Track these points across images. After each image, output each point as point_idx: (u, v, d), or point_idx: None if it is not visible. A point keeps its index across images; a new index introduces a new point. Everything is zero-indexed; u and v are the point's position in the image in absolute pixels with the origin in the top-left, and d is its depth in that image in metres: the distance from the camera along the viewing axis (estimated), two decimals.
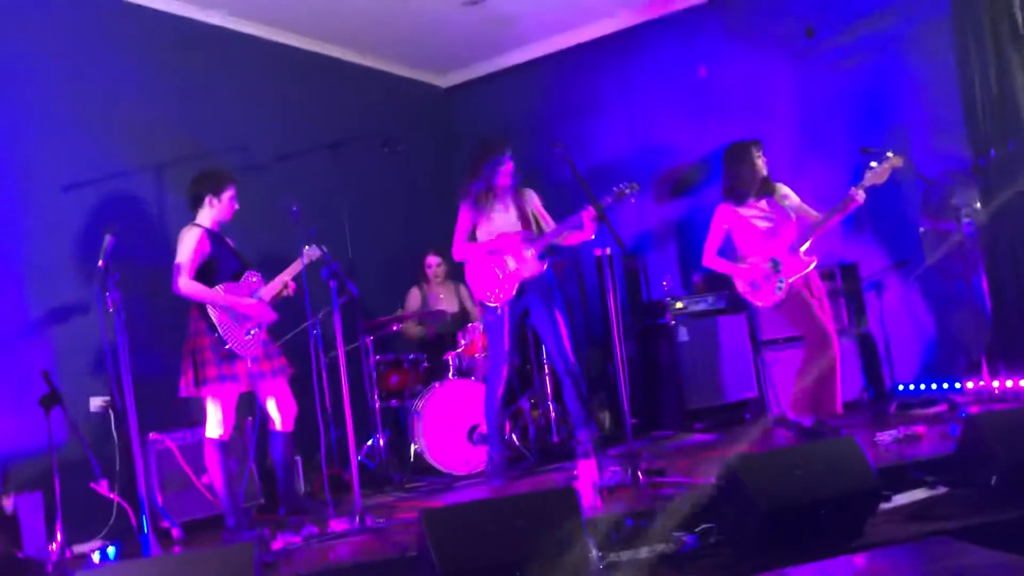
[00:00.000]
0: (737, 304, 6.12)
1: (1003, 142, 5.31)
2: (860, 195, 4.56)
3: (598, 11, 6.80)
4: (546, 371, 5.86)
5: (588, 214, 4.57)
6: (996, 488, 3.51)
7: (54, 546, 4.00)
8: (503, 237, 4.85)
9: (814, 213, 4.85)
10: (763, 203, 4.94)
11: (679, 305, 6.07)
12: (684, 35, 6.79)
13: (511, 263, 4.83)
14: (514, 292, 4.82)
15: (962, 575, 2.07)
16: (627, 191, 4.60)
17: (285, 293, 4.52)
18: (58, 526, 4.02)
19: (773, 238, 4.87)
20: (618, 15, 6.88)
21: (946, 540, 2.47)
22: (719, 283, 6.35)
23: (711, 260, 5.07)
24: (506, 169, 4.86)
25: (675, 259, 6.81)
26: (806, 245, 4.75)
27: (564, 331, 4.80)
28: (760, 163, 4.92)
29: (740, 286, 5.00)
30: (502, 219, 4.92)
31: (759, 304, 4.92)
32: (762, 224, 4.92)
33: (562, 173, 5.02)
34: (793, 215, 4.90)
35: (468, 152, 5.06)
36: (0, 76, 4.72)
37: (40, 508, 4.21)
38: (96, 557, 3.98)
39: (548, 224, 4.95)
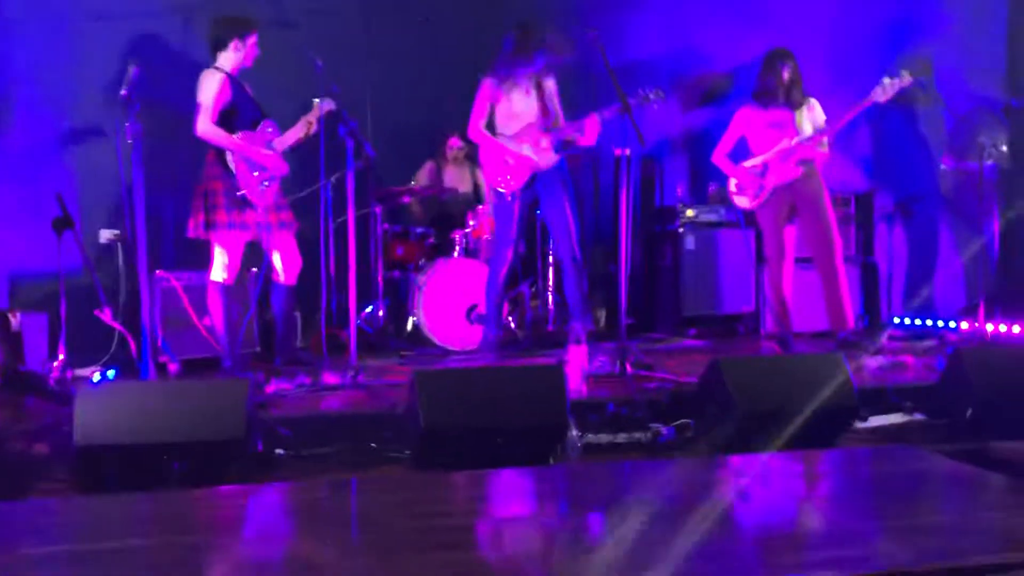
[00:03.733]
0: (749, 218, 6.14)
1: None
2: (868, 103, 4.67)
3: None
4: (550, 262, 5.91)
5: (591, 121, 4.60)
6: (970, 420, 3.60)
7: (55, 364, 4.12)
8: (523, 131, 4.83)
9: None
10: (781, 112, 4.96)
11: (690, 213, 6.08)
12: None
13: (526, 151, 4.83)
14: (526, 180, 4.83)
15: (913, 477, 2.17)
16: (652, 97, 4.55)
17: (310, 132, 4.51)
18: (60, 346, 4.14)
19: (773, 144, 4.94)
20: None
21: (910, 447, 2.56)
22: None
23: (719, 159, 5.20)
24: (539, 60, 4.83)
25: (692, 167, 6.75)
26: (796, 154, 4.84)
27: (572, 223, 4.85)
28: (786, 74, 4.92)
29: (729, 186, 5.18)
30: (523, 102, 4.88)
31: (742, 207, 5.15)
32: (770, 130, 4.98)
33: (591, 63, 4.94)
34: (807, 133, 4.89)
35: (506, 33, 4.97)
36: None
37: (45, 328, 4.35)
38: (96, 378, 4.13)
39: (560, 114, 4.94)
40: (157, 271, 4.66)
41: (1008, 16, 5.42)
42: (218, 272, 4.37)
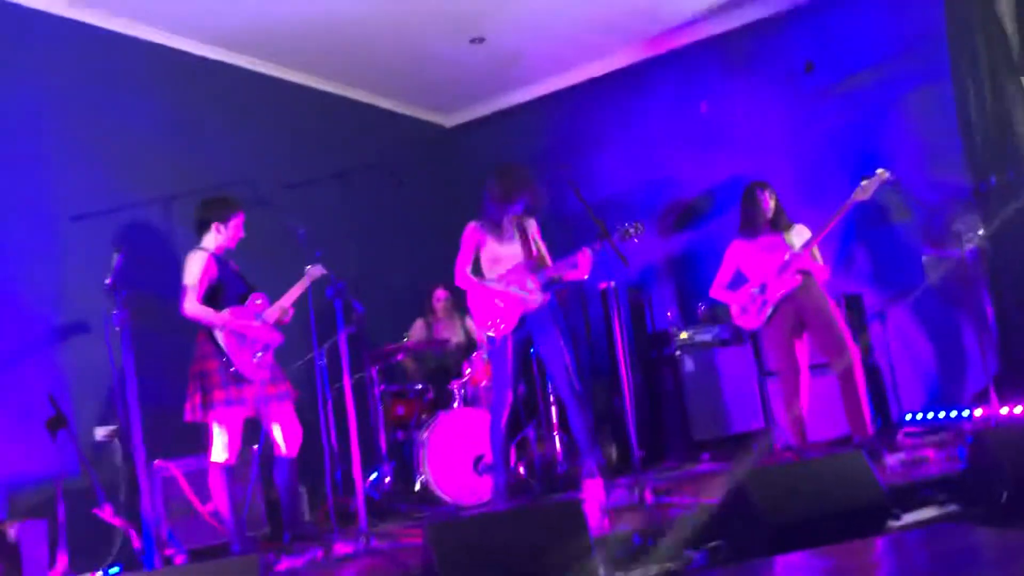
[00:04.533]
0: (742, 335, 6.13)
1: (1002, 169, 5.36)
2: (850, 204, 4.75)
3: (600, 49, 6.93)
4: (551, 400, 5.84)
5: (583, 255, 4.59)
6: (1006, 504, 3.48)
7: (54, 572, 3.96)
8: (510, 272, 4.84)
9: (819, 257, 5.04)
10: (773, 239, 5.06)
11: (684, 336, 6.07)
12: (685, 72, 6.90)
13: (513, 293, 4.80)
14: (515, 323, 4.78)
15: (967, 553, 2.05)
16: (632, 231, 4.57)
17: (284, 319, 4.53)
18: (60, 552, 3.99)
19: (766, 264, 5.02)
20: (619, 53, 7.00)
21: (952, 525, 2.44)
22: (724, 314, 6.37)
23: (717, 292, 5.30)
24: (520, 203, 4.89)
25: (679, 291, 6.82)
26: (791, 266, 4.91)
27: (568, 357, 4.77)
28: (765, 202, 5.06)
29: (732, 311, 5.20)
30: (507, 247, 4.92)
31: (748, 327, 5.19)
32: (762, 253, 5.07)
33: (566, 204, 5.06)
34: (799, 244, 4.98)
35: (493, 178, 4.98)
36: (11, 112, 4.83)
37: (43, 535, 4.18)
38: None
39: (545, 253, 4.95)
40: (156, 461, 4.55)
41: (956, 109, 5.63)
42: (219, 453, 4.27)
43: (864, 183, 4.74)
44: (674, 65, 6.93)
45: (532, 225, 4.99)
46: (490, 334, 4.85)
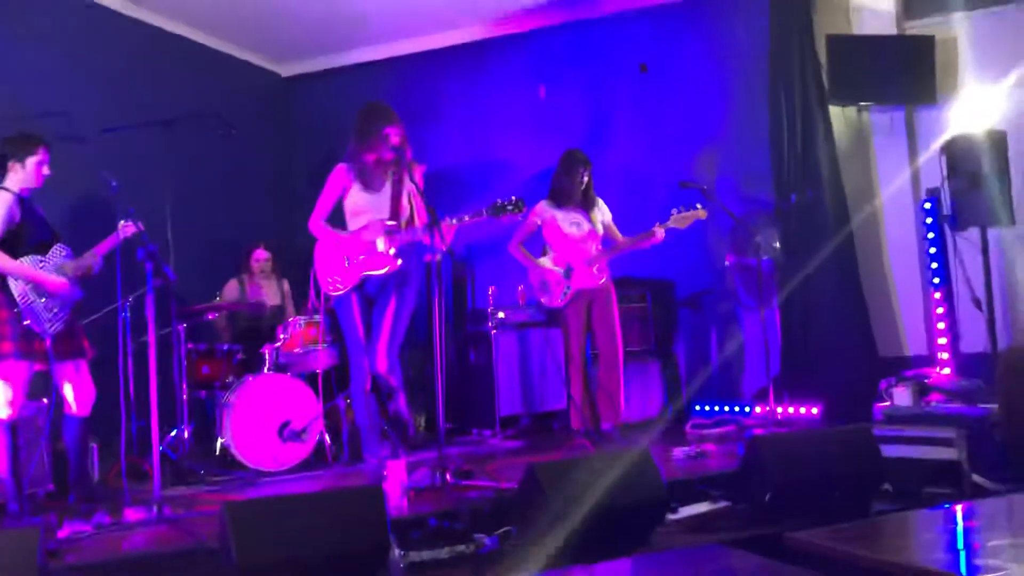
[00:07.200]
0: (556, 318, 6.36)
1: (802, 189, 5.84)
2: (660, 233, 5.16)
3: (446, 21, 6.91)
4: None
5: (446, 225, 4.20)
6: (769, 504, 3.84)
7: None
8: (364, 228, 4.39)
9: (619, 236, 5.41)
10: (578, 213, 5.35)
11: (501, 315, 6.24)
12: (527, 55, 7.01)
13: (361, 254, 4.40)
14: (355, 282, 4.42)
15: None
16: (509, 208, 4.20)
17: (90, 273, 4.30)
18: None
19: (576, 247, 5.31)
20: (465, 28, 7.01)
21: (717, 547, 2.69)
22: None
23: (515, 249, 5.47)
24: (392, 142, 4.31)
25: (503, 270, 6.95)
26: (598, 261, 5.29)
27: (387, 333, 4.47)
28: (582, 178, 5.32)
29: (532, 280, 5.49)
30: (372, 198, 4.43)
31: (547, 304, 5.45)
32: (571, 231, 5.34)
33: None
34: (600, 231, 5.37)
35: (355, 117, 4.51)
36: None
37: None
38: None
39: (419, 212, 4.47)
40: None
41: (768, 127, 6.04)
42: (0, 408, 4.03)
43: (683, 214, 5.10)
44: (517, 47, 7.01)
45: (410, 179, 4.45)
46: (330, 292, 4.50)
